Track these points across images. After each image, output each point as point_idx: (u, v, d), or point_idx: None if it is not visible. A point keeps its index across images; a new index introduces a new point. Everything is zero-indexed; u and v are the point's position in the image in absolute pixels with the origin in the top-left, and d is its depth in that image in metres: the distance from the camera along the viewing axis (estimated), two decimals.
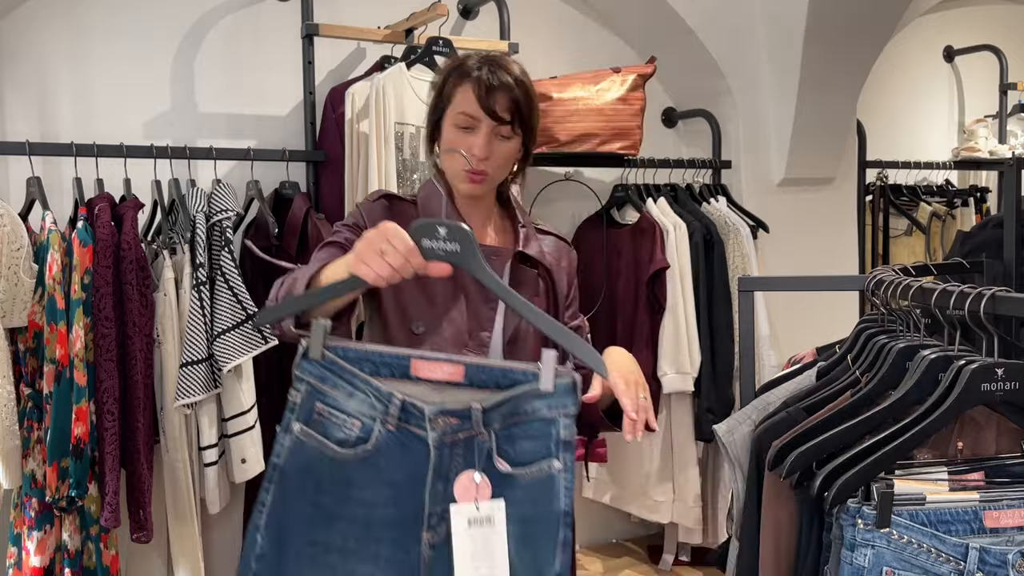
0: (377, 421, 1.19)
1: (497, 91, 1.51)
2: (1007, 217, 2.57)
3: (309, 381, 1.20)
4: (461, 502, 1.17)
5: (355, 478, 1.19)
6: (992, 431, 1.27)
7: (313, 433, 1.20)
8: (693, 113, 3.66)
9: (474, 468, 1.17)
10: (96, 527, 2.39)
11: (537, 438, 1.18)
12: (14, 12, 2.71)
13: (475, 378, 1.21)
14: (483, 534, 1.16)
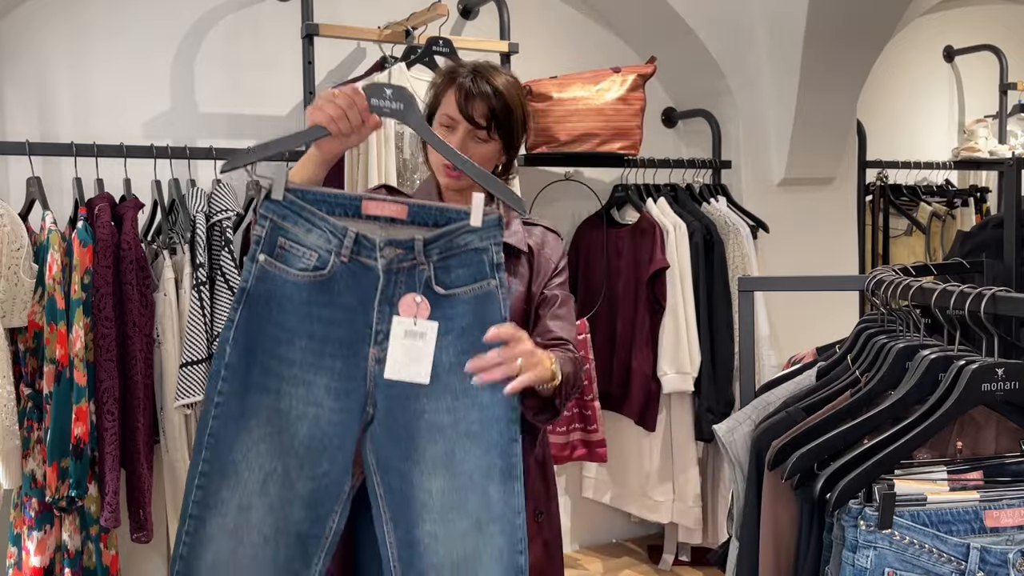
0: (332, 253, 1.36)
1: (476, 98, 1.64)
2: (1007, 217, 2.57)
3: (272, 219, 1.36)
4: (403, 316, 1.36)
5: (313, 300, 1.36)
6: (991, 430, 1.27)
7: (276, 263, 1.36)
8: (693, 113, 3.66)
9: (415, 291, 1.36)
10: (96, 527, 2.40)
11: (471, 265, 1.38)
12: (14, 12, 2.71)
13: (417, 216, 1.38)
14: (416, 345, 1.36)
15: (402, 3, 2.95)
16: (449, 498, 1.37)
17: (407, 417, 1.37)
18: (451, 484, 1.37)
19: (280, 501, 1.35)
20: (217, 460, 1.34)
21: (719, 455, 3.38)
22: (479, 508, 1.37)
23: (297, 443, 1.36)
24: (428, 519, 1.37)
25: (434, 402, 1.37)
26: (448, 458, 1.37)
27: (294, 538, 1.36)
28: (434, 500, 1.37)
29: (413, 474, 1.37)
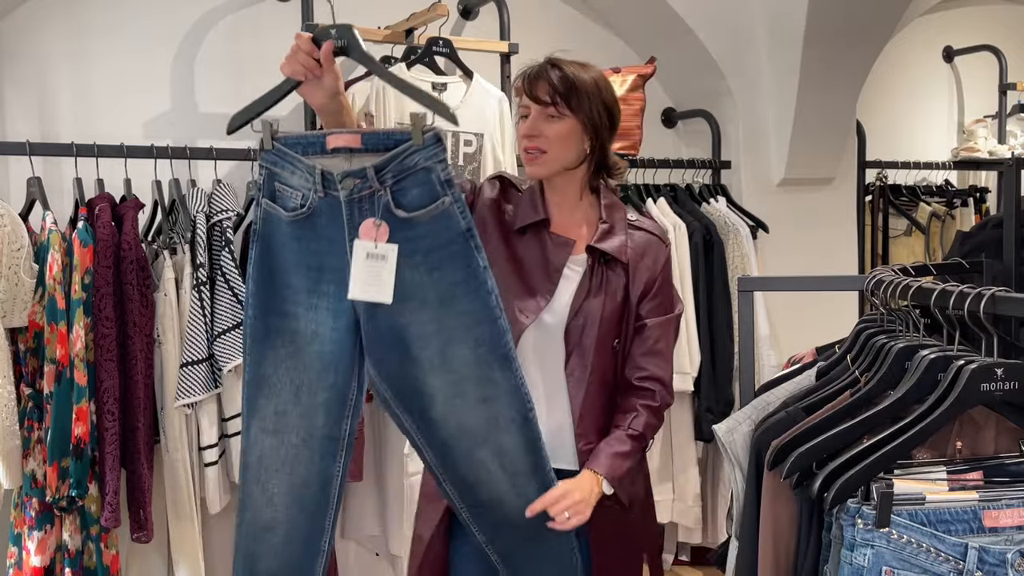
0: (311, 191, 1.47)
1: (537, 78, 1.71)
2: (1006, 217, 2.57)
3: (267, 167, 1.50)
4: (363, 239, 1.47)
5: (304, 234, 1.50)
6: (991, 431, 1.28)
7: (275, 205, 1.50)
8: (693, 113, 3.66)
9: (375, 215, 1.46)
10: (96, 527, 2.40)
11: (423, 184, 1.45)
12: (14, 12, 2.71)
13: (370, 143, 1.46)
14: (376, 266, 1.47)
15: (402, 3, 2.95)
16: (450, 389, 1.54)
17: (395, 331, 1.52)
18: (448, 379, 1.54)
19: (308, 409, 1.55)
20: (254, 373, 1.55)
21: (719, 455, 3.38)
22: (481, 389, 1.55)
23: (312, 359, 1.54)
24: (437, 405, 1.56)
25: (416, 315, 1.51)
26: (441, 358, 1.53)
27: (323, 440, 1.57)
28: (437, 392, 1.54)
29: (414, 374, 1.54)
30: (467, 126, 2.78)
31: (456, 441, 1.59)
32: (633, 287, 1.75)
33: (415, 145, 1.43)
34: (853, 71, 3.45)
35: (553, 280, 1.74)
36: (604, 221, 1.77)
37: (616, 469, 1.70)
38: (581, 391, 1.73)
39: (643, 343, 1.76)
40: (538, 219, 1.76)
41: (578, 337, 1.73)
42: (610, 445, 1.72)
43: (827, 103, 3.46)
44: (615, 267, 1.75)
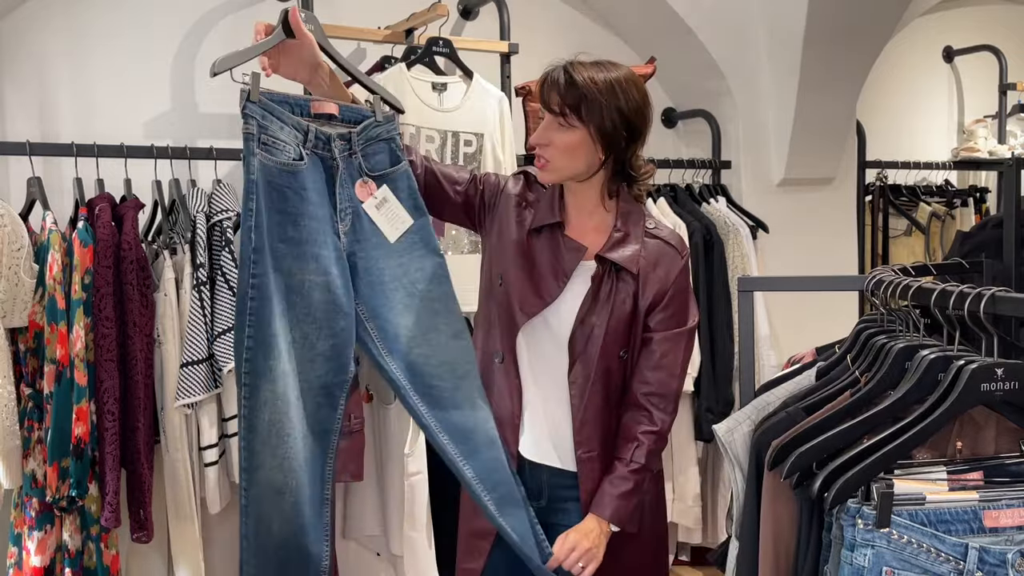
0: (300, 146, 1.61)
1: (549, 86, 1.71)
2: (1006, 217, 2.57)
3: (256, 118, 1.57)
4: (365, 199, 1.68)
5: (302, 185, 1.61)
6: (991, 431, 1.28)
7: (268, 156, 1.57)
8: (693, 113, 3.66)
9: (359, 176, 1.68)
10: (96, 527, 2.40)
11: (385, 152, 1.72)
12: (14, 12, 2.71)
13: (344, 115, 1.69)
14: (387, 208, 1.71)
15: (402, 3, 2.95)
16: (424, 325, 1.73)
17: (376, 273, 1.69)
18: (421, 316, 1.73)
19: (301, 364, 1.61)
20: (259, 335, 1.55)
21: (719, 455, 3.38)
22: (449, 324, 1.75)
23: (313, 309, 1.61)
24: (414, 344, 1.71)
25: (388, 259, 1.71)
26: (411, 299, 1.72)
27: (319, 391, 1.63)
28: (411, 331, 1.71)
29: (392, 315, 1.70)
30: (467, 126, 2.78)
31: (441, 380, 1.72)
32: (643, 297, 1.73)
33: (377, 120, 1.71)
34: (853, 71, 3.46)
35: (560, 283, 1.73)
36: (618, 229, 1.75)
37: (621, 512, 1.72)
38: (583, 400, 1.73)
39: (650, 356, 1.75)
40: (553, 221, 1.76)
41: (583, 346, 1.72)
42: (614, 486, 1.72)
43: (827, 103, 3.46)
44: (625, 276, 1.73)
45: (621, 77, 1.70)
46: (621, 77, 1.70)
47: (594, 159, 1.71)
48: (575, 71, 1.69)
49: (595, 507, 1.72)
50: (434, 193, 1.81)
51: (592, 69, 1.70)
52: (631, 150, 1.74)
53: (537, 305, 1.74)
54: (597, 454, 1.74)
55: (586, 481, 1.75)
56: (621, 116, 1.69)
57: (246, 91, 1.56)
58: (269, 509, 1.59)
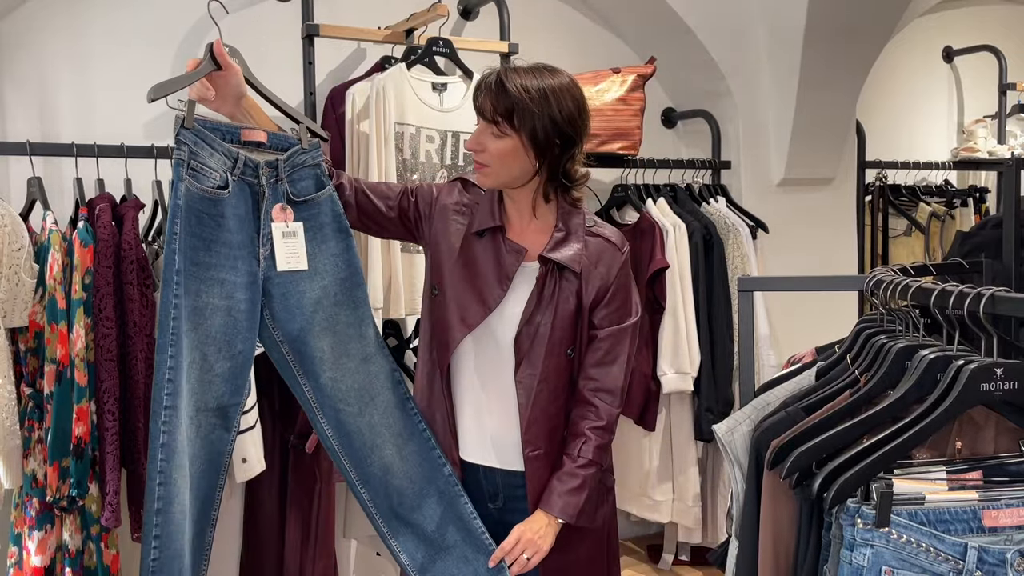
0: (228, 173, 1.66)
1: (483, 93, 1.70)
2: (1006, 217, 2.57)
3: (188, 144, 1.64)
4: (277, 221, 1.71)
5: (221, 212, 1.65)
6: (991, 430, 1.28)
7: (195, 182, 1.63)
8: (693, 113, 3.66)
9: (281, 201, 1.72)
10: (97, 527, 2.40)
11: (310, 178, 1.77)
12: (14, 12, 2.71)
13: (272, 142, 1.74)
14: (291, 242, 1.73)
15: (402, 3, 2.95)
16: (337, 349, 1.77)
17: (295, 297, 1.73)
18: (335, 340, 1.77)
19: (200, 384, 1.64)
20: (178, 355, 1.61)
21: (719, 455, 3.39)
22: (362, 348, 1.80)
23: (215, 332, 1.65)
24: (327, 368, 1.77)
25: (309, 283, 1.75)
26: (330, 321, 1.77)
27: (214, 412, 1.67)
28: (327, 354, 1.76)
29: (308, 338, 1.75)
30: (467, 126, 2.78)
31: (347, 405, 1.78)
32: (586, 294, 1.74)
33: (303, 148, 1.76)
34: (853, 71, 3.46)
35: (503, 287, 1.73)
36: (560, 229, 1.76)
37: (569, 508, 1.73)
38: (529, 399, 1.73)
39: (595, 352, 1.76)
40: (494, 225, 1.75)
41: (528, 345, 1.73)
42: (562, 482, 1.73)
43: (827, 103, 3.46)
44: (568, 275, 1.74)
45: (556, 85, 1.68)
46: (556, 85, 1.68)
47: (527, 166, 1.70)
48: (508, 78, 1.67)
49: (543, 503, 1.74)
50: (369, 212, 1.83)
51: (526, 76, 1.67)
52: (565, 157, 1.72)
53: (479, 314, 1.73)
54: (544, 452, 1.75)
55: (533, 479, 1.76)
56: (553, 124, 1.67)
57: (180, 118, 1.64)
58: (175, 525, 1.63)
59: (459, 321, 1.74)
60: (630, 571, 3.41)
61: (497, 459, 1.80)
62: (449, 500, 1.82)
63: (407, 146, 2.71)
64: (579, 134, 1.72)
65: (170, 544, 1.60)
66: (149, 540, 1.58)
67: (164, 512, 1.59)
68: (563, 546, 1.76)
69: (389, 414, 1.81)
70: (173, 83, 1.66)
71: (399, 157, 2.70)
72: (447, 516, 1.82)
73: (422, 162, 2.73)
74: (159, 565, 1.59)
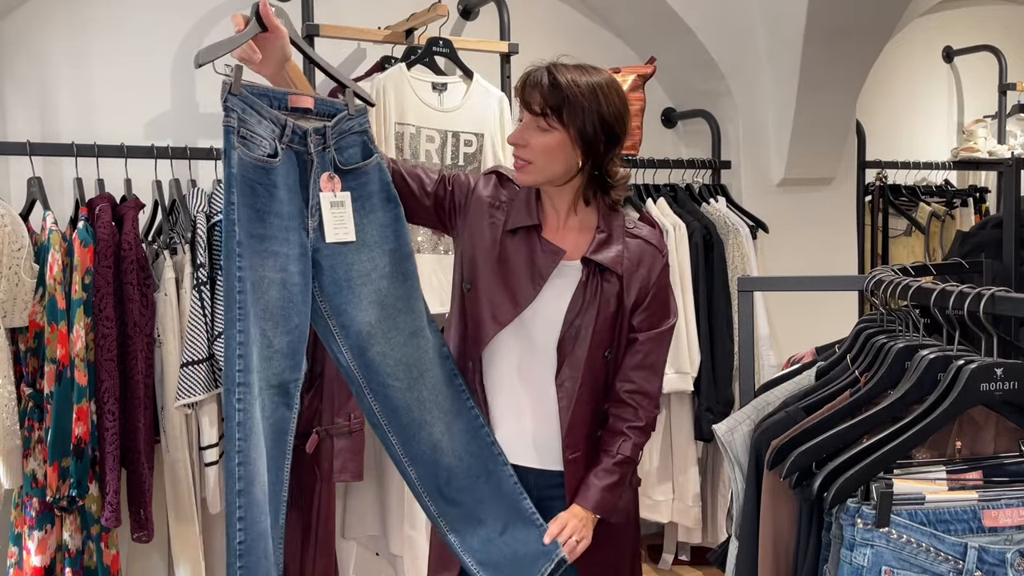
0: (276, 140, 1.59)
1: (532, 87, 1.67)
2: (1006, 217, 2.57)
3: (236, 111, 1.56)
4: (325, 191, 1.65)
5: (273, 181, 1.58)
6: (991, 430, 1.28)
7: (246, 151, 1.56)
8: (693, 113, 3.66)
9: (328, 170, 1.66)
10: (97, 527, 2.40)
11: (357, 145, 1.71)
12: (15, 12, 2.71)
13: (319, 108, 1.67)
14: (339, 212, 1.67)
15: (402, 4, 2.95)
16: (387, 323, 1.71)
17: (343, 270, 1.68)
18: (383, 313, 1.71)
19: (260, 359, 1.58)
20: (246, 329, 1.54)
21: (719, 455, 3.39)
22: (411, 322, 1.73)
23: (272, 306, 1.59)
24: (374, 342, 1.70)
25: (357, 254, 1.69)
26: (377, 295, 1.70)
27: (277, 389, 1.61)
28: (374, 327, 1.70)
29: (355, 312, 1.69)
30: (467, 126, 2.78)
31: (396, 380, 1.71)
32: (627, 297, 1.73)
33: (349, 113, 1.69)
34: (853, 71, 3.46)
35: (536, 287, 1.72)
36: (601, 230, 1.74)
37: (606, 504, 1.73)
38: (571, 402, 1.72)
39: (634, 356, 1.75)
40: (531, 223, 1.74)
41: (571, 348, 1.72)
42: (599, 478, 1.73)
43: (827, 103, 3.46)
44: (610, 277, 1.72)
45: (603, 82, 1.69)
46: (603, 82, 1.69)
47: (572, 163, 1.69)
48: (558, 73, 1.66)
49: (580, 498, 1.73)
50: (403, 196, 1.78)
51: (575, 72, 1.68)
52: (609, 156, 1.71)
53: (510, 312, 1.72)
54: (582, 453, 1.75)
55: (572, 480, 1.75)
56: (602, 121, 1.67)
57: (228, 83, 1.56)
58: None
59: (491, 318, 1.73)
60: None
61: (537, 459, 1.78)
62: (498, 480, 1.76)
63: (407, 146, 2.71)
64: (623, 132, 1.72)
65: (255, 525, 1.54)
66: (233, 522, 1.50)
67: (246, 493, 1.52)
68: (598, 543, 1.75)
69: (438, 390, 1.75)
70: (220, 47, 1.58)
71: (399, 157, 2.70)
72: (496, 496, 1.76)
73: (422, 161, 2.73)
74: (246, 548, 1.53)
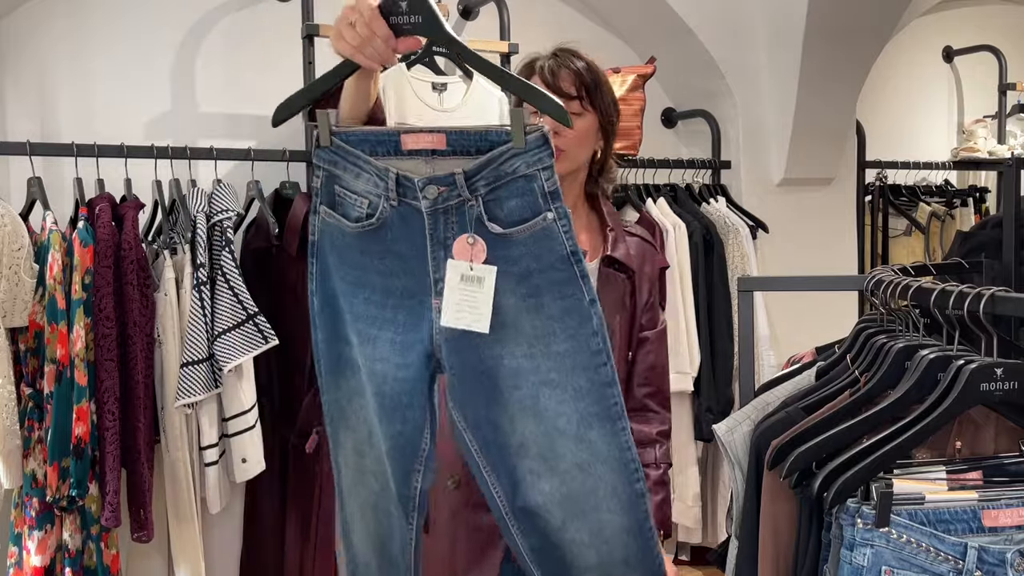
0: (381, 198, 1.26)
1: (562, 70, 1.59)
2: (1006, 217, 2.57)
3: (324, 167, 1.29)
4: (457, 259, 1.25)
5: (369, 249, 1.28)
6: (990, 430, 1.28)
7: (334, 213, 1.29)
8: (693, 113, 3.66)
9: (467, 231, 1.24)
10: (97, 527, 2.40)
11: (523, 195, 1.23)
12: (15, 12, 2.71)
13: (457, 144, 1.24)
14: (472, 290, 1.25)
15: None
16: (543, 442, 1.30)
17: (485, 365, 1.28)
18: (541, 429, 1.29)
19: (379, 456, 1.36)
20: (332, 401, 1.37)
21: (719, 455, 3.38)
22: (578, 452, 1.30)
23: (376, 401, 1.33)
24: (527, 459, 1.30)
25: (510, 347, 1.27)
26: (533, 403, 1.28)
27: (393, 493, 1.36)
28: (528, 444, 1.30)
29: (501, 421, 1.30)
30: (467, 125, 2.78)
31: (547, 512, 1.32)
32: (639, 296, 1.70)
33: (516, 148, 1.20)
34: (853, 71, 3.46)
35: None
36: (611, 228, 1.68)
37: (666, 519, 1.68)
38: None
39: (646, 356, 1.71)
40: None
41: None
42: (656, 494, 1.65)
43: (827, 103, 3.46)
44: (623, 276, 1.67)
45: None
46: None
47: (593, 150, 1.64)
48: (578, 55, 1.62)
49: None
50: None
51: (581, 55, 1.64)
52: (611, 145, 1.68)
53: None
54: None
55: None
56: (614, 103, 1.65)
57: (316, 135, 1.29)
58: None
59: None
60: None
61: None
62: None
63: None
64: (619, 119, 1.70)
65: None
66: None
67: None
68: None
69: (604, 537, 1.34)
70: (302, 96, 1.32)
71: None
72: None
73: None
74: None
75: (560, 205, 1.23)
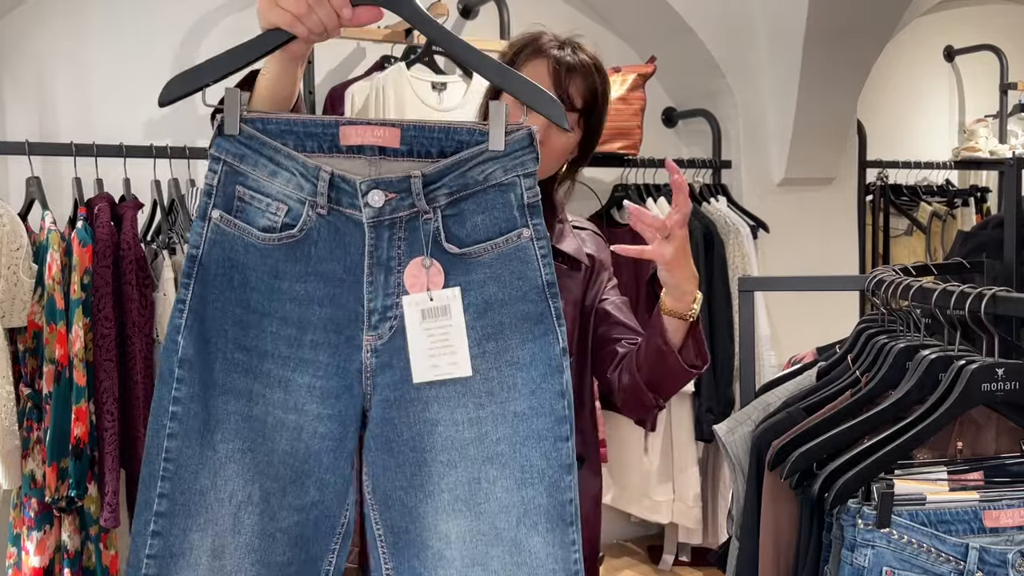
0: (306, 204, 0.99)
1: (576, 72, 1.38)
2: (1007, 217, 2.57)
3: (226, 160, 1.01)
4: (412, 293, 0.99)
5: (284, 270, 1.01)
6: (991, 431, 1.27)
7: (235, 220, 1.01)
8: (693, 113, 3.66)
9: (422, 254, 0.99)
10: (96, 527, 2.39)
11: (493, 208, 0.99)
12: (14, 12, 2.71)
13: (414, 143, 0.99)
14: (439, 326, 0.99)
15: None
16: (473, 549, 1.00)
17: (414, 431, 1.00)
18: (476, 528, 1.00)
19: (260, 538, 1.02)
20: (180, 493, 0.99)
21: (719, 455, 3.38)
22: (510, 567, 1.00)
23: (277, 462, 1.02)
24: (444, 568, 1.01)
25: (450, 410, 1.00)
26: (471, 492, 1.00)
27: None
28: (453, 550, 1.00)
29: (424, 512, 1.01)
30: None
31: None
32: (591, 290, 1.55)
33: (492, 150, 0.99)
34: (853, 71, 3.45)
35: None
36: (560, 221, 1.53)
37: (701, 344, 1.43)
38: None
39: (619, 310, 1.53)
40: None
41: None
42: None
43: (827, 103, 3.46)
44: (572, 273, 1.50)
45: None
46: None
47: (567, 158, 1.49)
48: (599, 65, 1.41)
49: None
50: None
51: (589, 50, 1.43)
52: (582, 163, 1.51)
53: None
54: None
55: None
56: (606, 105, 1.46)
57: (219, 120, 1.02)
58: None
59: None
60: (630, 572, 3.41)
61: None
62: None
63: None
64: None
65: None
66: None
67: None
68: None
69: None
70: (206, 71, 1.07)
71: None
72: None
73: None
74: None
75: (540, 223, 1.01)
